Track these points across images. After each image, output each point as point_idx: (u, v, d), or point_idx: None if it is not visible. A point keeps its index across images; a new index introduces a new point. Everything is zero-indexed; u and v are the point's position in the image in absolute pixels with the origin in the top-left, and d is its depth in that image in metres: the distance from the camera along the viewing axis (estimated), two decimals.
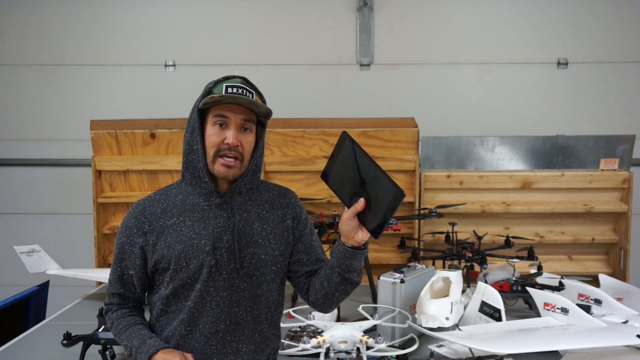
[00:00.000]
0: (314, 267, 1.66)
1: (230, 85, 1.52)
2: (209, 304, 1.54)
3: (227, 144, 1.51)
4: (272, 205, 1.65)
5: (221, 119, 1.52)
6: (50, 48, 4.03)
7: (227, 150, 1.51)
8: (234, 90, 1.51)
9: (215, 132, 1.52)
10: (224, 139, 1.51)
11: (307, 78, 3.99)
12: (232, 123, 1.52)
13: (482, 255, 2.76)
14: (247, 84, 1.56)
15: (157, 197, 1.61)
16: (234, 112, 1.52)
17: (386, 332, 2.24)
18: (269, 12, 3.97)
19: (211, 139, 1.52)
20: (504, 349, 1.76)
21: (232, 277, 1.55)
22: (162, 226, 1.56)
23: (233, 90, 1.51)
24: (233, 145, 1.51)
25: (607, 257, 3.52)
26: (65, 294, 3.25)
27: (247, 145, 1.55)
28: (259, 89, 1.59)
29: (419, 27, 3.96)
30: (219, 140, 1.51)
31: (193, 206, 1.57)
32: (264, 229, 1.60)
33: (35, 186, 4.09)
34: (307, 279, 1.67)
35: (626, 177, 3.38)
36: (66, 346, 2.05)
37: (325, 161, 1.59)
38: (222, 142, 1.51)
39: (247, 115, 1.54)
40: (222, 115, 1.52)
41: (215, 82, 1.55)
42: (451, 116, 3.94)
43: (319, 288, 1.60)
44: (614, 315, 2.11)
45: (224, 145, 1.51)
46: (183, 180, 1.60)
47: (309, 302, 1.67)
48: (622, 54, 3.91)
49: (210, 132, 1.53)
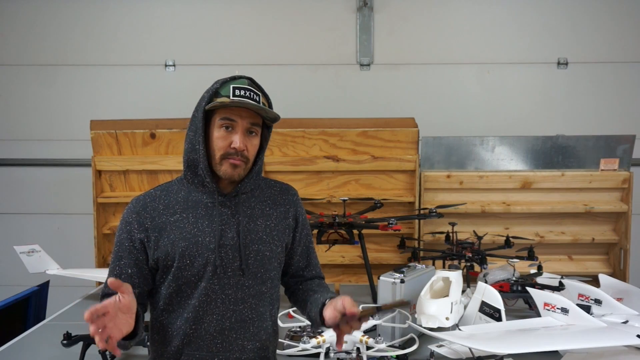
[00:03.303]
0: (304, 274, 1.74)
1: (237, 87, 1.51)
2: (214, 302, 1.53)
3: (234, 149, 1.51)
4: (275, 201, 1.66)
5: (228, 122, 1.51)
6: (51, 48, 4.03)
7: (234, 155, 1.51)
8: (241, 92, 1.50)
9: (221, 135, 1.51)
10: (230, 142, 1.51)
11: (307, 78, 3.99)
12: (239, 127, 1.51)
13: (482, 255, 2.76)
14: (254, 85, 1.55)
15: (157, 192, 1.60)
16: (242, 117, 1.51)
17: (386, 332, 2.24)
18: (269, 12, 3.97)
19: (217, 142, 1.52)
20: (504, 349, 1.76)
21: (237, 274, 1.54)
22: (165, 222, 1.54)
23: (240, 92, 1.50)
24: (240, 149, 1.51)
25: (607, 257, 3.52)
26: (65, 294, 3.25)
27: (252, 149, 1.55)
28: (265, 91, 1.58)
29: (419, 27, 3.96)
30: (226, 144, 1.51)
31: (196, 203, 1.56)
32: (267, 225, 1.61)
33: (35, 186, 4.09)
34: (293, 280, 1.74)
35: (626, 177, 3.38)
36: (66, 346, 2.05)
37: (325, 161, 1.60)
38: (229, 145, 1.51)
39: (254, 120, 1.53)
40: (229, 119, 1.51)
41: (222, 82, 1.54)
42: (451, 116, 3.94)
43: (300, 301, 1.69)
44: (614, 315, 2.12)
45: (231, 149, 1.51)
46: (185, 178, 1.60)
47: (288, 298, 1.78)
48: (622, 54, 3.91)
49: (217, 135, 1.52)
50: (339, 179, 3.43)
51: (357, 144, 3.39)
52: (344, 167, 3.39)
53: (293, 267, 1.73)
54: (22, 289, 3.05)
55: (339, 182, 3.43)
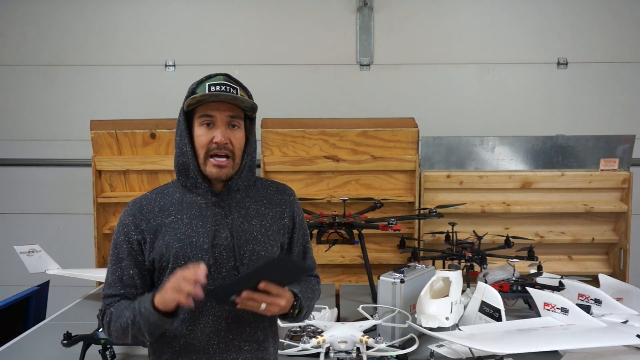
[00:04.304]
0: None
1: (213, 83, 1.52)
2: (209, 303, 1.53)
3: (216, 143, 1.51)
4: (270, 201, 1.65)
5: (207, 118, 1.52)
6: (51, 48, 4.03)
7: (217, 150, 1.51)
8: (217, 88, 1.51)
9: (203, 132, 1.52)
10: (212, 138, 1.51)
11: (307, 78, 3.99)
12: (218, 121, 1.52)
13: (482, 255, 2.76)
14: (231, 80, 1.56)
15: (153, 195, 1.61)
16: (219, 110, 1.52)
17: (386, 332, 2.24)
18: (269, 12, 3.97)
19: (199, 139, 1.52)
20: (504, 349, 1.76)
21: (232, 274, 1.54)
22: (160, 224, 1.55)
23: (216, 88, 1.51)
24: (222, 143, 1.51)
25: (607, 257, 3.52)
26: (65, 294, 3.25)
27: (237, 142, 1.55)
28: (243, 84, 1.58)
29: (419, 27, 3.96)
30: (208, 140, 1.51)
31: (190, 204, 1.57)
32: (262, 225, 1.60)
33: (35, 186, 4.09)
34: None
35: (626, 177, 3.38)
36: (66, 346, 2.06)
37: (325, 161, 1.60)
38: (211, 141, 1.51)
39: (232, 112, 1.53)
40: (207, 115, 1.52)
41: (198, 82, 1.56)
42: (451, 116, 3.94)
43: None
44: (613, 315, 2.11)
45: (213, 144, 1.51)
46: (178, 182, 1.61)
47: None
48: (622, 54, 3.92)
49: (199, 133, 1.53)
50: (339, 179, 3.43)
51: (357, 144, 3.39)
52: (344, 167, 3.39)
53: None
54: (22, 289, 3.05)
55: (339, 182, 3.43)
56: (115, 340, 1.55)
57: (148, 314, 1.41)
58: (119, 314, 1.49)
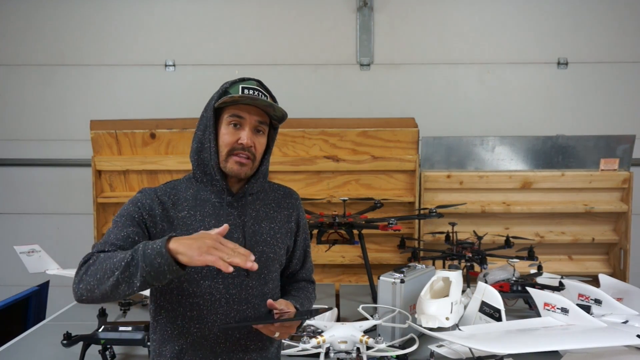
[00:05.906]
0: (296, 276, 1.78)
1: (246, 87, 1.54)
2: (218, 302, 1.53)
3: (241, 144, 1.53)
4: (279, 205, 1.68)
5: (236, 119, 1.53)
6: (50, 48, 4.03)
7: (241, 150, 1.53)
8: (250, 92, 1.53)
9: (229, 131, 1.54)
10: (237, 139, 1.53)
11: (307, 78, 3.99)
12: (247, 124, 1.54)
13: (482, 255, 2.76)
14: (262, 87, 1.59)
15: (167, 189, 1.60)
16: (250, 113, 1.54)
17: (386, 332, 2.24)
18: (269, 12, 3.97)
19: (225, 138, 1.54)
20: (504, 349, 1.76)
21: (242, 275, 1.55)
22: (173, 217, 1.54)
23: (249, 91, 1.53)
24: (247, 145, 1.53)
25: (607, 257, 3.52)
26: (65, 294, 3.22)
27: (260, 147, 1.58)
28: (272, 93, 1.61)
29: (419, 27, 3.96)
30: (233, 140, 1.53)
31: (204, 202, 1.58)
32: (272, 227, 1.63)
33: (35, 186, 4.09)
34: (283, 280, 1.76)
35: (626, 177, 3.38)
36: (66, 346, 2.06)
37: (325, 161, 1.61)
38: (236, 142, 1.53)
39: (262, 118, 1.56)
40: (237, 116, 1.53)
41: (232, 83, 1.57)
42: (451, 116, 3.94)
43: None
44: (614, 315, 2.11)
45: (238, 145, 1.53)
46: (194, 177, 1.61)
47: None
48: (622, 54, 3.92)
49: (225, 132, 1.54)
50: (339, 179, 3.43)
51: (357, 144, 3.39)
52: (344, 167, 3.39)
53: (290, 269, 1.76)
54: (22, 289, 3.05)
55: (339, 182, 3.43)
56: (83, 290, 1.37)
57: (155, 255, 1.27)
58: (109, 257, 1.35)
